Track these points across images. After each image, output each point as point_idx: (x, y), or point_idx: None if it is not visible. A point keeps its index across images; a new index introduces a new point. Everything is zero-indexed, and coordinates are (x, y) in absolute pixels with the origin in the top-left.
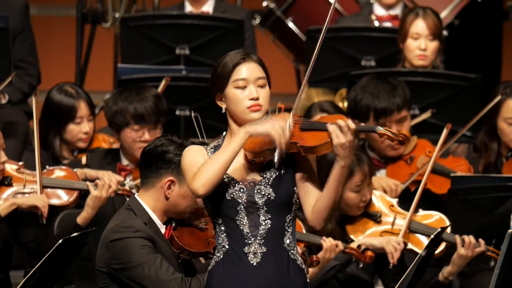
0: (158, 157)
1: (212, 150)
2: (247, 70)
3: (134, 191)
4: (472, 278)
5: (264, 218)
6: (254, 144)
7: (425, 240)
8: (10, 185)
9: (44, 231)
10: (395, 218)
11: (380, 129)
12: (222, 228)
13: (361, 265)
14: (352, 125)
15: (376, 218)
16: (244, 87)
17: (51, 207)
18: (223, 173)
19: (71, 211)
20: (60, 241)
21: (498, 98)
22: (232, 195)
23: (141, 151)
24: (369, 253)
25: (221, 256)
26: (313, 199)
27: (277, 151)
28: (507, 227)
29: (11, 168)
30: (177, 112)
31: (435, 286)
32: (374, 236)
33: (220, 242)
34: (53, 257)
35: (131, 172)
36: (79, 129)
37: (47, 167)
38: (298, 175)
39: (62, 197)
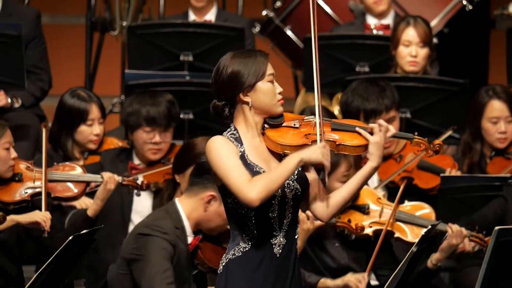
0: (208, 171)
1: (233, 140)
2: (271, 66)
3: (138, 181)
4: (461, 273)
5: (288, 211)
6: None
7: (410, 228)
8: (20, 181)
9: (56, 225)
10: (382, 209)
11: (416, 138)
12: (253, 220)
13: (353, 237)
14: (392, 129)
15: (364, 210)
16: (273, 82)
17: (61, 199)
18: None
19: (80, 210)
20: (70, 237)
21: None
22: None
23: (151, 153)
24: (360, 224)
25: (248, 247)
26: (323, 193)
27: (326, 172)
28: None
29: (21, 165)
30: (181, 116)
31: (424, 272)
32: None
33: (247, 233)
34: (63, 252)
35: (141, 171)
36: (90, 131)
37: (55, 164)
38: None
39: (70, 189)
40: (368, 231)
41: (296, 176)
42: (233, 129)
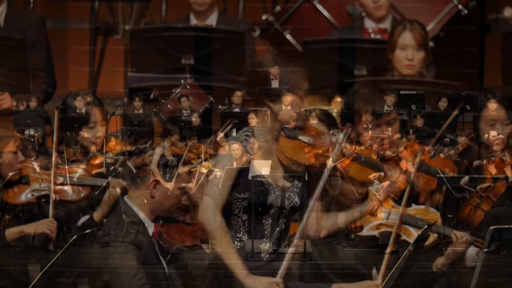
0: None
1: (246, 143)
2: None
3: None
4: (456, 273)
5: (281, 220)
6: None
7: (415, 231)
8: (27, 183)
9: (59, 227)
10: (389, 212)
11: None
12: (246, 223)
13: (352, 236)
14: None
15: (372, 211)
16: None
17: (66, 202)
18: None
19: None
20: (74, 237)
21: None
22: (271, 201)
23: None
24: (358, 223)
25: (237, 247)
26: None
27: None
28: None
29: (28, 168)
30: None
31: (430, 277)
32: (370, 225)
33: (238, 235)
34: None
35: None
36: (93, 133)
37: (61, 167)
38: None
39: (76, 193)
40: (375, 232)
41: (298, 190)
42: (250, 130)
